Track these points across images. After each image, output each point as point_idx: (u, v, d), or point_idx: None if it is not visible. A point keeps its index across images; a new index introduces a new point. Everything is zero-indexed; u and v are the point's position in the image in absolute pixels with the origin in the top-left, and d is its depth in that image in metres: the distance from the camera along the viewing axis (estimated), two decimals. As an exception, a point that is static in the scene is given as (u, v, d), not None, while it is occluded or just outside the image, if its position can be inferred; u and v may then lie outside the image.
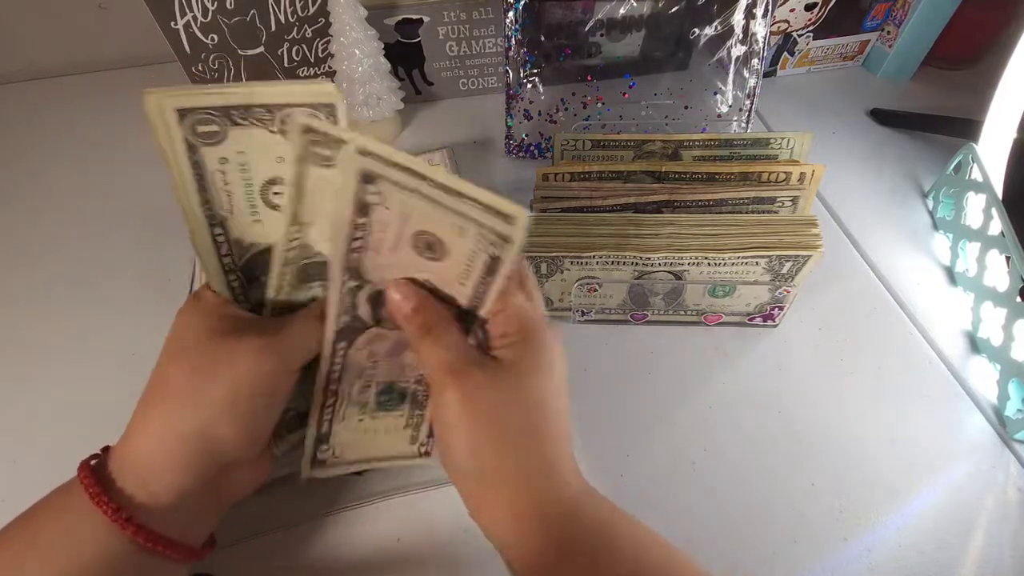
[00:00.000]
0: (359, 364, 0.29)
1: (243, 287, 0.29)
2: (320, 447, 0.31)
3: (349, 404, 0.30)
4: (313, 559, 0.35)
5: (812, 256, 0.39)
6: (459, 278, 0.26)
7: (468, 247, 0.24)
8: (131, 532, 0.24)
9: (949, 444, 0.41)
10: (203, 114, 0.25)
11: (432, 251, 0.25)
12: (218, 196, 0.27)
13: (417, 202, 0.23)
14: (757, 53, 0.54)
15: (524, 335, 0.27)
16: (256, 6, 0.53)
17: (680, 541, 0.37)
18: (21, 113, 0.63)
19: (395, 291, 0.27)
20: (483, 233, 0.23)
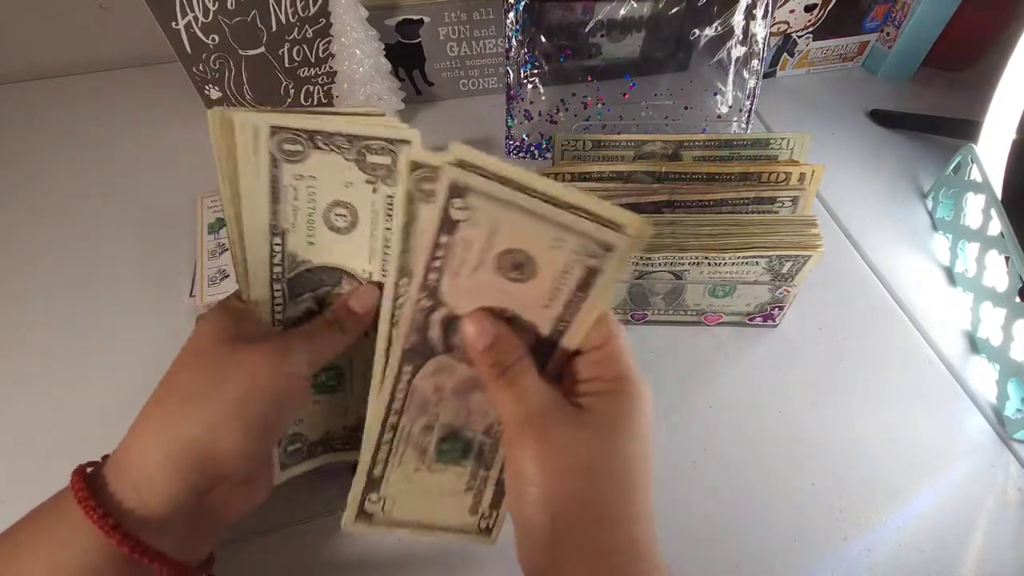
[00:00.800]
0: (424, 396, 0.27)
1: (284, 299, 0.30)
2: (370, 496, 0.28)
3: (409, 445, 0.28)
4: (313, 559, 0.35)
5: (812, 256, 0.39)
6: (546, 299, 0.24)
7: (562, 262, 0.23)
8: (116, 541, 0.23)
9: (949, 444, 0.41)
10: (291, 134, 0.26)
11: (519, 271, 0.23)
12: (285, 209, 0.28)
13: (510, 215, 0.22)
14: (757, 54, 0.54)
15: (622, 385, 0.24)
16: (257, 6, 0.53)
17: (680, 541, 0.37)
18: (21, 113, 0.63)
19: (470, 323, 0.24)
20: (584, 244, 0.22)
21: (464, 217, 0.22)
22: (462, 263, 0.23)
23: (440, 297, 0.25)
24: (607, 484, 0.23)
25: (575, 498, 0.23)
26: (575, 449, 0.23)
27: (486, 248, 0.23)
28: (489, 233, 0.22)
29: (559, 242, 0.22)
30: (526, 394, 0.24)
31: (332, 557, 0.36)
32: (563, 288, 0.24)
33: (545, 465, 0.23)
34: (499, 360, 0.24)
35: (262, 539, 0.36)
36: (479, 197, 0.22)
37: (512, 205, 0.22)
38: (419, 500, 0.29)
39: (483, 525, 0.29)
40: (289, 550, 0.36)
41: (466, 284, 0.24)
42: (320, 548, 0.36)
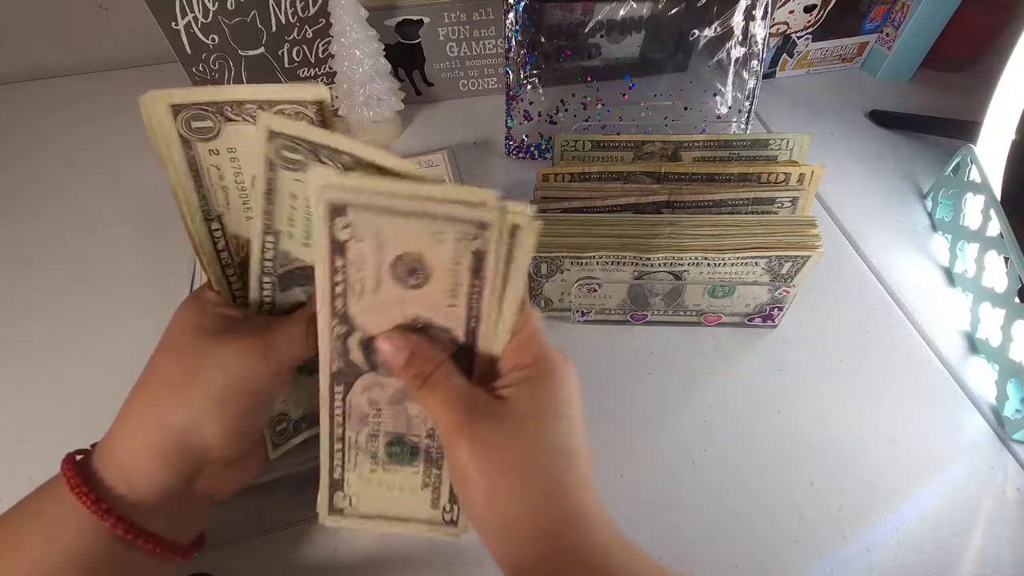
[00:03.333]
0: (361, 410, 0.28)
1: (242, 282, 0.30)
2: (335, 494, 0.30)
3: (359, 452, 0.29)
4: (313, 559, 0.35)
5: (811, 257, 0.39)
6: (449, 297, 0.25)
7: (450, 254, 0.24)
8: (110, 524, 0.24)
9: (948, 444, 0.42)
10: (197, 109, 0.26)
11: (415, 276, 0.24)
12: (214, 192, 0.28)
13: (390, 220, 0.23)
14: (756, 55, 0.54)
15: (539, 367, 0.25)
16: (257, 7, 0.53)
17: (680, 541, 0.37)
18: (21, 113, 0.63)
19: (384, 342, 0.25)
20: (462, 230, 0.23)
21: (348, 236, 0.23)
22: (362, 283, 0.24)
23: (351, 321, 0.25)
24: (540, 469, 0.24)
25: (518, 490, 0.23)
26: (505, 443, 0.24)
27: (379, 261, 0.24)
28: (376, 245, 0.23)
29: (440, 235, 0.23)
30: (450, 399, 0.24)
31: (331, 557, 0.36)
32: (460, 280, 0.24)
33: (481, 464, 0.24)
34: (419, 372, 0.25)
35: (262, 539, 0.36)
36: (357, 211, 0.22)
37: (389, 210, 0.22)
38: (382, 496, 0.30)
39: (447, 518, 0.30)
40: (289, 550, 0.36)
41: (371, 303, 0.25)
42: (319, 548, 0.36)
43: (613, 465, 0.40)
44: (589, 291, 0.43)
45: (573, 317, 0.46)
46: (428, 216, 0.22)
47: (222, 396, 0.25)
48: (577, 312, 0.46)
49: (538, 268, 0.42)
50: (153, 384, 0.26)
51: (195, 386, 0.25)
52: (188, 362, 0.26)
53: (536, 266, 0.41)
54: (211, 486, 0.28)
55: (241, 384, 0.26)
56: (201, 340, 0.26)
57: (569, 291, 0.44)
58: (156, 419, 0.25)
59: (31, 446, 0.40)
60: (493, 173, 0.58)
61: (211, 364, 0.26)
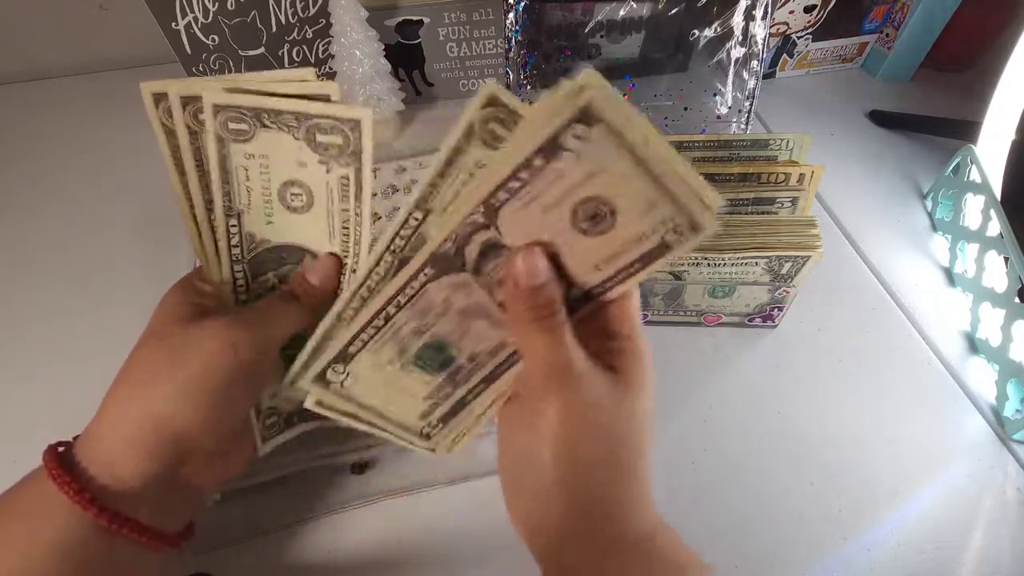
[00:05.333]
0: (430, 302, 0.26)
1: (247, 279, 0.30)
2: (335, 365, 0.28)
3: (393, 339, 0.27)
4: (313, 559, 0.35)
5: (811, 257, 0.39)
6: (604, 260, 0.23)
7: (642, 227, 0.21)
8: (94, 513, 0.24)
9: (948, 444, 0.42)
10: (236, 112, 0.26)
11: (594, 223, 0.22)
12: (239, 190, 0.28)
13: (622, 163, 0.20)
14: (756, 55, 0.54)
15: (632, 343, 0.24)
16: (257, 7, 0.53)
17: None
18: (21, 113, 0.63)
19: (524, 259, 0.22)
20: (674, 216, 0.21)
21: (575, 147, 0.20)
22: (539, 195, 0.21)
23: (496, 220, 0.22)
24: (626, 437, 0.23)
25: (596, 459, 0.23)
26: (603, 410, 0.23)
27: (575, 188, 0.21)
28: (588, 173, 0.20)
29: (651, 206, 0.21)
30: (563, 349, 0.23)
31: (331, 557, 0.36)
32: (626, 255, 0.22)
33: (572, 422, 0.23)
34: (539, 304, 0.23)
35: (262, 539, 0.36)
36: (606, 131, 0.19)
37: (631, 155, 0.20)
38: (378, 387, 0.28)
39: (425, 431, 0.30)
40: (289, 550, 0.36)
41: (531, 218, 0.22)
42: (319, 548, 0.36)
43: (613, 465, 0.40)
44: (589, 291, 0.43)
45: (573, 317, 0.46)
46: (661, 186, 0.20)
47: (200, 383, 0.25)
48: (577, 312, 0.46)
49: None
50: (133, 374, 0.26)
51: (173, 374, 0.25)
52: (166, 350, 0.26)
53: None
54: (196, 476, 0.28)
55: (218, 368, 0.26)
56: (180, 327, 0.26)
57: (569, 291, 0.44)
58: (137, 409, 0.25)
59: (31, 446, 0.40)
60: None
61: (188, 351, 0.26)
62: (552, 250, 0.23)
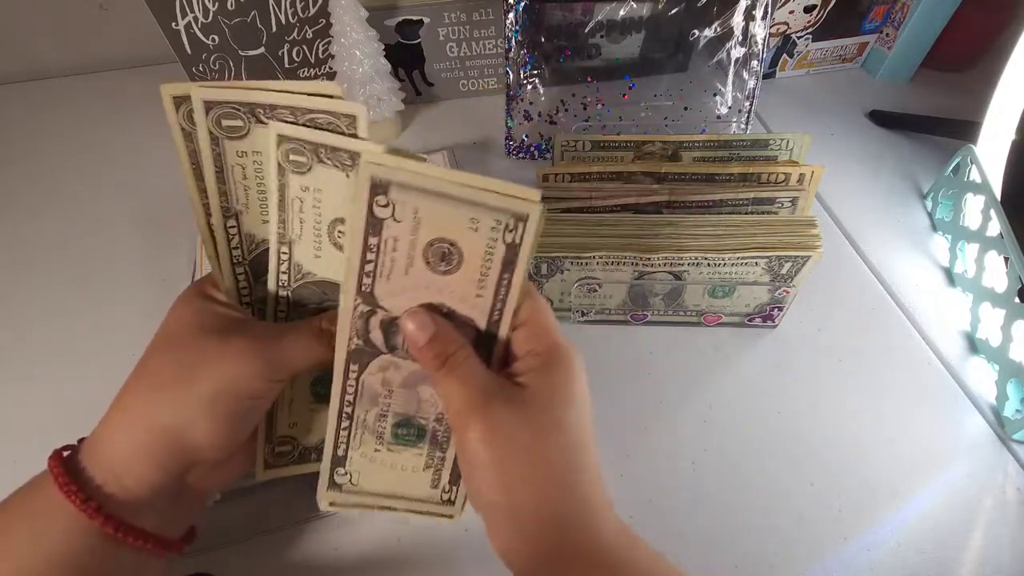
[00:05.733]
0: (373, 390, 0.28)
1: (249, 281, 0.30)
2: (337, 469, 0.30)
3: (366, 431, 0.29)
4: (313, 559, 0.35)
5: (811, 257, 0.39)
6: (477, 286, 0.25)
7: (483, 243, 0.24)
8: (100, 522, 0.23)
9: (948, 444, 0.42)
10: (229, 108, 0.26)
11: (447, 262, 0.24)
12: (235, 190, 0.28)
13: (428, 203, 0.23)
14: (756, 55, 0.54)
15: (552, 357, 0.25)
16: (257, 7, 0.53)
17: (680, 541, 0.37)
18: (21, 113, 0.63)
19: (409, 320, 0.25)
20: (499, 219, 0.23)
21: (387, 214, 0.23)
22: (393, 263, 0.24)
23: (376, 301, 0.25)
24: (556, 456, 0.24)
25: (530, 476, 0.23)
26: (519, 427, 0.24)
27: (412, 243, 0.24)
28: (413, 226, 0.23)
29: (475, 222, 0.23)
30: (467, 381, 0.24)
31: (331, 557, 0.36)
32: (490, 272, 0.24)
33: (494, 448, 0.24)
34: (439, 352, 0.25)
35: (262, 539, 0.36)
36: (399, 190, 0.22)
37: (428, 192, 0.23)
38: (382, 475, 0.30)
39: (445, 497, 0.31)
40: (289, 550, 0.36)
41: (399, 284, 0.25)
42: (319, 548, 0.36)
43: (613, 465, 0.40)
44: (589, 291, 0.43)
45: (573, 317, 0.46)
46: (468, 203, 0.23)
47: (215, 399, 0.25)
48: (577, 312, 0.46)
49: (538, 268, 0.42)
50: (145, 381, 0.26)
51: (188, 387, 0.25)
52: (184, 361, 0.25)
53: (536, 266, 0.41)
54: (200, 483, 0.28)
55: (236, 388, 0.26)
56: (200, 339, 0.26)
57: (569, 291, 0.44)
58: (146, 418, 0.25)
59: (31, 446, 0.40)
60: (493, 173, 0.57)
61: (208, 365, 0.25)
62: (437, 302, 0.25)
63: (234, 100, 0.25)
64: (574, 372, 0.25)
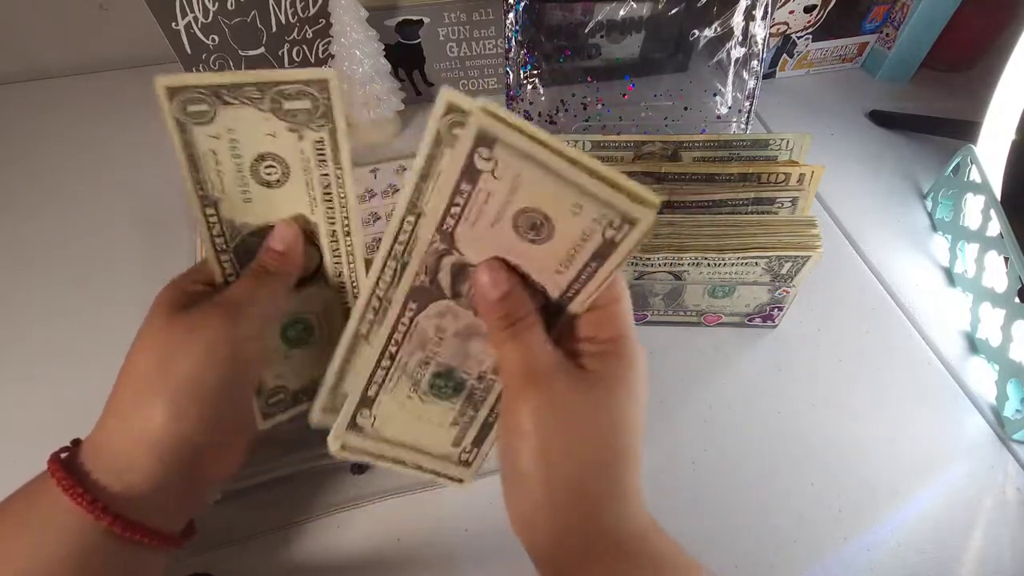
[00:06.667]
0: (424, 333, 0.27)
1: (235, 269, 0.30)
2: (362, 411, 0.29)
3: (404, 375, 0.28)
4: (313, 559, 0.35)
5: (811, 257, 0.39)
6: (560, 264, 0.24)
7: (580, 228, 0.22)
8: (108, 521, 0.23)
9: (948, 444, 0.42)
10: (193, 93, 0.25)
11: (536, 232, 0.23)
12: (210, 177, 0.27)
13: (533, 173, 0.22)
14: (756, 55, 0.54)
15: (617, 345, 0.24)
16: (257, 7, 0.53)
17: (680, 541, 0.37)
18: (21, 113, 0.63)
19: (484, 273, 0.24)
20: (605, 213, 0.22)
21: (488, 168, 0.22)
22: (480, 214, 0.23)
23: (455, 243, 0.24)
24: (603, 439, 0.23)
25: (571, 452, 0.23)
26: (574, 407, 0.23)
27: (505, 203, 0.23)
28: (510, 189, 0.22)
29: (578, 208, 0.22)
30: (532, 350, 0.24)
31: (331, 557, 0.36)
32: (579, 255, 0.23)
33: (544, 419, 0.23)
34: (508, 312, 0.24)
35: (262, 539, 0.36)
36: (505, 149, 0.21)
37: (536, 163, 0.21)
38: (407, 423, 0.29)
39: (463, 458, 0.30)
40: (289, 550, 0.36)
41: (482, 235, 0.24)
42: (319, 548, 0.36)
43: (613, 465, 0.40)
44: (589, 291, 0.43)
45: (573, 317, 0.46)
46: (577, 186, 0.22)
47: (192, 387, 0.25)
48: (577, 312, 0.46)
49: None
50: (132, 378, 0.26)
51: (171, 373, 0.25)
52: (161, 348, 0.26)
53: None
54: (201, 474, 0.28)
55: (207, 369, 0.25)
56: (170, 323, 0.26)
57: (569, 291, 0.44)
58: (139, 414, 0.25)
59: (31, 446, 0.40)
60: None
61: (183, 346, 0.25)
62: (513, 261, 0.24)
63: (197, 84, 0.25)
64: (637, 366, 0.25)
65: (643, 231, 0.22)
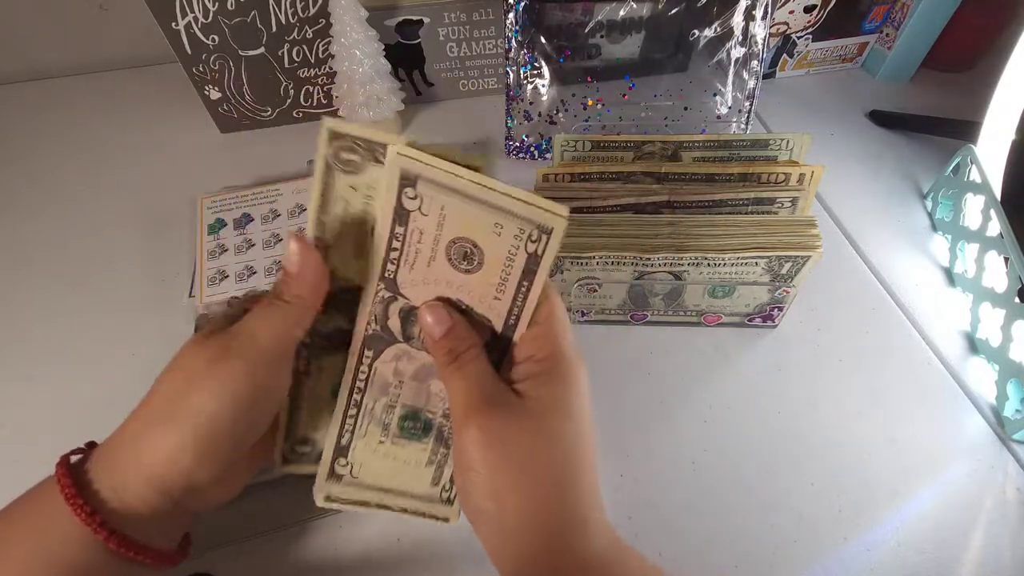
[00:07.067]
0: (384, 379, 0.28)
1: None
2: (339, 460, 0.30)
3: (372, 421, 0.29)
4: (313, 559, 0.35)
5: (811, 257, 0.39)
6: (496, 289, 0.25)
7: (505, 248, 0.24)
8: (104, 537, 0.23)
9: (948, 444, 0.42)
10: (351, 142, 0.26)
11: (468, 261, 0.25)
12: (331, 222, 0.27)
13: (453, 202, 0.24)
14: (756, 55, 0.54)
15: (553, 363, 0.25)
16: (257, 7, 0.53)
17: (680, 541, 0.37)
18: (21, 113, 0.63)
19: (427, 313, 0.25)
20: (523, 228, 0.24)
21: (415, 207, 0.24)
22: (417, 254, 0.25)
23: (398, 288, 0.26)
24: (548, 467, 0.24)
25: (520, 485, 0.23)
26: (514, 435, 0.24)
27: (436, 238, 0.25)
28: (438, 222, 0.24)
29: (499, 227, 0.24)
30: (475, 383, 0.25)
31: (331, 557, 0.36)
32: (509, 277, 0.25)
33: (487, 453, 0.24)
34: (452, 347, 0.25)
35: (262, 539, 0.36)
36: (426, 185, 0.23)
37: (456, 192, 0.23)
38: (384, 467, 0.30)
39: (444, 496, 0.30)
40: (289, 550, 0.36)
41: (421, 275, 0.26)
42: (320, 548, 0.36)
43: (613, 465, 0.40)
44: (589, 291, 0.43)
45: (573, 317, 0.46)
46: (494, 207, 0.23)
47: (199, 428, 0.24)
48: (577, 312, 0.46)
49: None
50: (148, 407, 0.26)
51: (181, 407, 0.25)
52: (179, 383, 0.25)
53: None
54: (200, 500, 0.28)
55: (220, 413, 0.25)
56: (193, 360, 0.25)
57: (569, 291, 0.44)
58: (145, 444, 0.25)
59: (31, 446, 0.40)
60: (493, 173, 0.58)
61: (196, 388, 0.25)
62: (454, 297, 0.26)
63: (357, 136, 0.25)
64: (574, 383, 0.25)
65: (559, 238, 0.24)
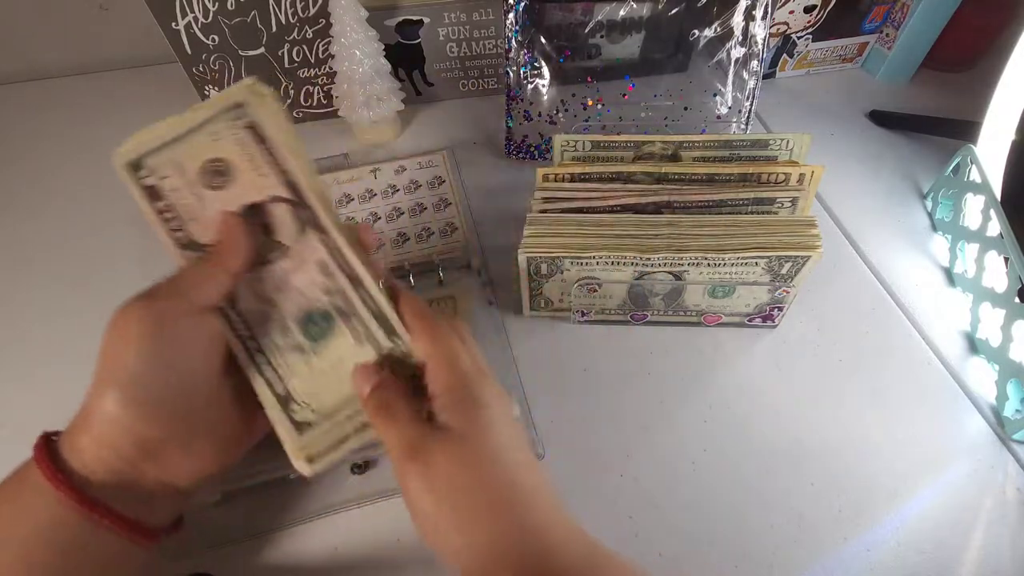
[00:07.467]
0: (256, 312, 0.29)
1: None
2: (290, 407, 0.29)
3: (284, 352, 0.29)
4: (313, 559, 0.35)
5: (811, 257, 0.39)
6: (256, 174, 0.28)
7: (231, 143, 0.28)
8: (73, 499, 0.25)
9: (948, 444, 0.42)
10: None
11: (222, 175, 0.28)
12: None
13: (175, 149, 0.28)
14: (756, 55, 0.54)
15: (460, 392, 0.26)
16: (257, 7, 0.53)
17: (680, 541, 0.37)
18: (21, 113, 0.63)
19: (356, 373, 0.28)
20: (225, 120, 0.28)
21: (155, 180, 0.28)
22: (188, 207, 0.28)
23: (198, 243, 0.29)
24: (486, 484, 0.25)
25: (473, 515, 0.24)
26: (448, 466, 0.25)
27: (188, 182, 0.28)
28: (177, 170, 0.28)
29: (215, 135, 0.28)
30: (402, 426, 0.26)
31: (331, 557, 0.36)
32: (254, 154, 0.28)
33: (434, 493, 0.25)
34: (380, 400, 0.27)
35: (262, 539, 0.36)
36: (151, 156, 0.28)
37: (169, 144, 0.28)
38: (331, 381, 0.29)
39: (400, 351, 0.29)
40: (289, 550, 0.36)
41: (205, 216, 0.28)
42: (319, 548, 0.36)
43: (613, 465, 0.40)
44: (589, 291, 0.43)
45: (573, 317, 0.46)
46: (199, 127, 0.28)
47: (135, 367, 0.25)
48: (577, 312, 0.46)
49: (538, 268, 0.42)
50: (98, 370, 0.27)
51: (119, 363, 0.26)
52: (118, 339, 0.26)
53: (536, 266, 0.41)
54: (168, 471, 0.27)
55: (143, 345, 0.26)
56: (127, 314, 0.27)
57: (569, 291, 0.44)
58: (91, 406, 0.26)
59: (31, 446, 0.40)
60: (493, 173, 0.58)
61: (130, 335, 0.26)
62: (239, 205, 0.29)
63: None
64: (483, 400, 0.26)
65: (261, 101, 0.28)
